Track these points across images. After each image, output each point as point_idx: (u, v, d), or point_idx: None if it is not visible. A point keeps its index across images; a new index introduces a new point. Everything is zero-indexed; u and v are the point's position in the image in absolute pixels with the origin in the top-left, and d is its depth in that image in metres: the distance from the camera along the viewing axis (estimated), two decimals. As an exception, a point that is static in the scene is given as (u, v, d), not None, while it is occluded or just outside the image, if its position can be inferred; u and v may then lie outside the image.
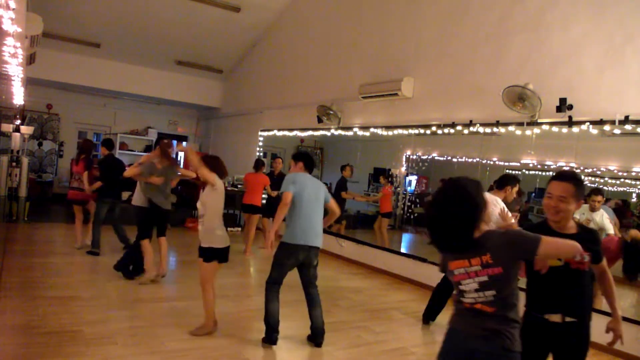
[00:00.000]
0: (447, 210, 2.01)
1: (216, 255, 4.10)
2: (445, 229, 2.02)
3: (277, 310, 4.13)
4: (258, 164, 8.19)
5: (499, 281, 1.97)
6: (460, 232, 2.00)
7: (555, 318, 2.41)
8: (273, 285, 4.18)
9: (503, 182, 4.71)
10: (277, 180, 7.79)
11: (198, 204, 4.14)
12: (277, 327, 4.12)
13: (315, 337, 4.23)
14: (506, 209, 4.21)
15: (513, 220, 3.45)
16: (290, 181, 4.14)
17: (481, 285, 1.99)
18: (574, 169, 5.43)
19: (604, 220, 5.29)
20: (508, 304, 2.01)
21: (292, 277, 6.77)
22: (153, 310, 4.76)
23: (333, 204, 4.32)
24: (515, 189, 4.77)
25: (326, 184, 10.46)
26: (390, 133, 7.64)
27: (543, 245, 1.94)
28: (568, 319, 2.40)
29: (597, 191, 5.38)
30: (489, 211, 2.11)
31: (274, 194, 7.81)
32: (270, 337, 4.10)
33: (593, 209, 5.31)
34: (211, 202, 4.09)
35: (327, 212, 4.35)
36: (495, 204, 4.29)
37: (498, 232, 2.09)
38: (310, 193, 4.13)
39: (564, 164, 5.74)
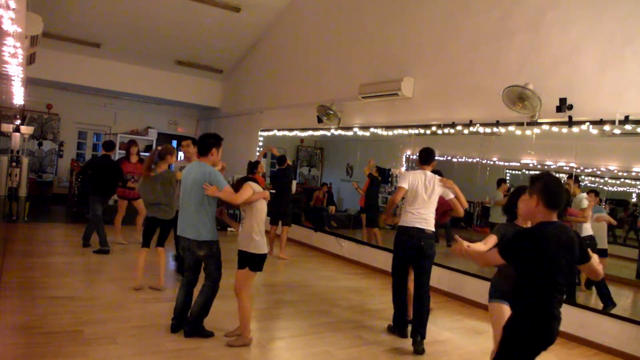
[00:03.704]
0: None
1: (249, 261, 3.99)
2: None
3: (181, 298, 4.15)
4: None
5: None
6: None
7: None
8: (182, 274, 4.24)
9: (429, 158, 4.75)
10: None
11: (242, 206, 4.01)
12: (177, 315, 4.13)
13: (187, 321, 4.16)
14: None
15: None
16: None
17: None
18: (574, 169, 5.44)
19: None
20: None
21: (290, 277, 6.80)
22: (153, 310, 4.76)
23: (225, 191, 3.90)
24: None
25: (325, 184, 10.51)
26: (390, 133, 7.64)
27: None
28: None
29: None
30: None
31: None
32: (172, 324, 4.16)
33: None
34: (253, 205, 3.97)
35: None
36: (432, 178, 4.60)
37: None
38: (186, 183, 4.02)
39: (564, 164, 5.75)
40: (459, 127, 6.43)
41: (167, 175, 5.37)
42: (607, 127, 4.93)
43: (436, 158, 4.84)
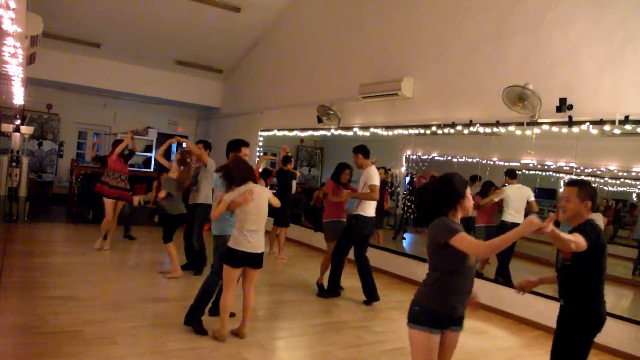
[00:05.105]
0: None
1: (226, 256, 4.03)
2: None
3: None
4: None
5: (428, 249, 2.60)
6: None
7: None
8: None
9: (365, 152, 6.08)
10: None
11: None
12: (213, 300, 4.47)
13: None
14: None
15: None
16: None
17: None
18: (574, 169, 5.44)
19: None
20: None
21: (290, 277, 6.80)
22: (153, 310, 4.76)
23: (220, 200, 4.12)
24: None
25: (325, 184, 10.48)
26: (390, 133, 7.64)
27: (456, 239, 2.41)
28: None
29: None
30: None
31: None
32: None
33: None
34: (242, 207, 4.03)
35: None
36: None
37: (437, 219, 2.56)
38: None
39: (564, 164, 5.75)
40: (459, 127, 6.43)
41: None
42: (607, 127, 4.93)
43: (436, 158, 4.92)
